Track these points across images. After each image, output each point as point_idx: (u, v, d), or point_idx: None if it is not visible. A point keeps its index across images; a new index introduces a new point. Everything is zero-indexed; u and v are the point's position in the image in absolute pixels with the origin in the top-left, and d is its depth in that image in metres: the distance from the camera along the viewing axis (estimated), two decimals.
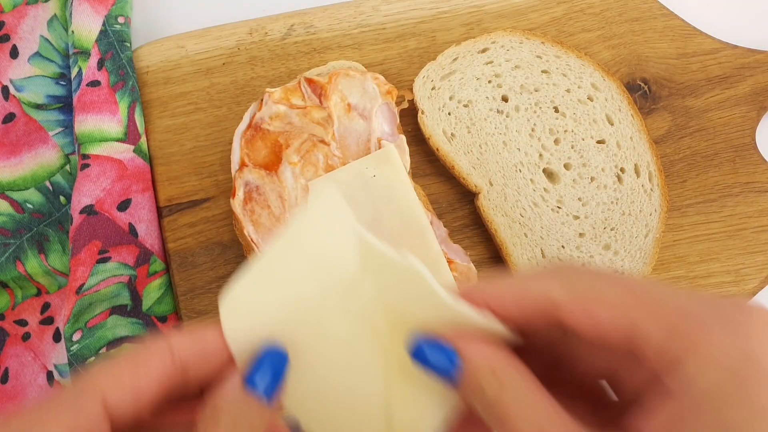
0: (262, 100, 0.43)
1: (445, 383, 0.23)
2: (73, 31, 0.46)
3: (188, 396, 0.25)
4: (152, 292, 0.44)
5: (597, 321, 0.21)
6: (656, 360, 0.20)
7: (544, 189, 0.46)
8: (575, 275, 0.22)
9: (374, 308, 0.25)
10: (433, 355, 0.23)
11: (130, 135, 0.45)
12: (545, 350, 0.25)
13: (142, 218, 0.44)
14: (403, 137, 0.43)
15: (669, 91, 0.50)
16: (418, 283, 0.24)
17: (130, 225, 0.44)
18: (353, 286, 0.25)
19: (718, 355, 0.18)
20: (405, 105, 0.46)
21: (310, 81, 0.43)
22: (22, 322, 0.44)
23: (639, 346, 0.20)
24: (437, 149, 0.46)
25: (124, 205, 0.44)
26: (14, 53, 0.47)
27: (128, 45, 0.47)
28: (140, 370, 0.23)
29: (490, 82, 0.47)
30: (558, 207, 0.45)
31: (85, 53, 0.46)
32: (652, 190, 0.47)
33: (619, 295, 0.20)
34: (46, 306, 0.45)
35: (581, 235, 0.45)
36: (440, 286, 0.23)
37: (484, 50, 0.48)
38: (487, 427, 0.22)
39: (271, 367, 0.24)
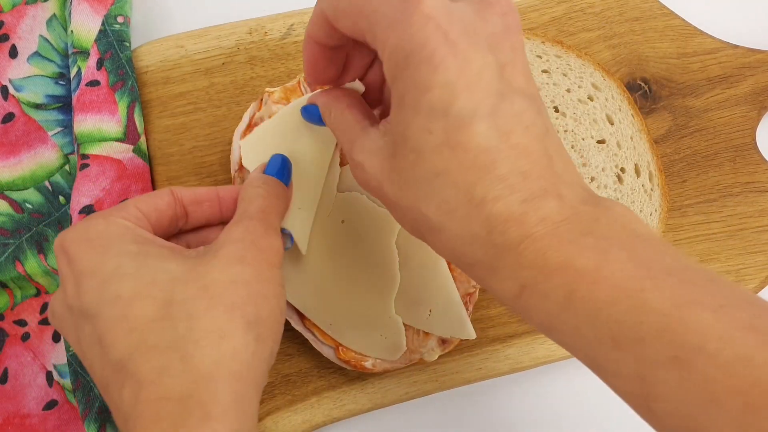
0: (261, 99, 0.43)
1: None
2: (72, 31, 0.46)
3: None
4: None
5: (345, 26, 0.30)
6: (375, 49, 0.29)
7: None
8: None
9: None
10: (309, 110, 0.37)
11: (129, 135, 0.45)
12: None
13: None
14: None
15: (669, 91, 0.50)
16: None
17: None
18: (310, 132, 0.39)
19: (391, 47, 0.27)
20: None
21: None
22: (22, 323, 0.44)
23: (366, 41, 0.29)
24: None
25: None
26: (13, 53, 0.47)
27: (127, 45, 0.47)
28: (157, 199, 0.35)
29: None
30: None
31: (84, 53, 0.46)
32: (652, 190, 0.47)
33: (352, 7, 0.29)
34: (45, 306, 0.45)
35: None
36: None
37: None
38: None
39: (279, 162, 0.37)
